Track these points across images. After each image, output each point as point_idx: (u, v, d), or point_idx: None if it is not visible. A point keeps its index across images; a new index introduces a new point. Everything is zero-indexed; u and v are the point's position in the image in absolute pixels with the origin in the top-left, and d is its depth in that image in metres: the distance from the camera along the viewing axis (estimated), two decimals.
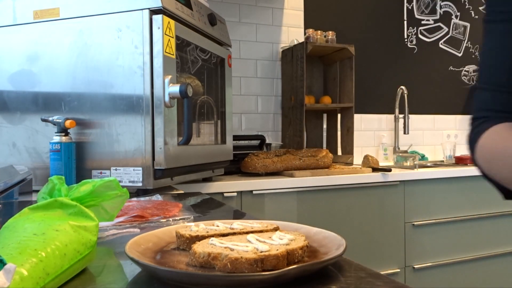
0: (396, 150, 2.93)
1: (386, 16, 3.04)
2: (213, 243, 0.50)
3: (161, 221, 0.83)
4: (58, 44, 1.32)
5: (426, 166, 2.60)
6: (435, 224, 2.26)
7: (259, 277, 0.43)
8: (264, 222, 0.64)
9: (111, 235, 0.72)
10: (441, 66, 3.23)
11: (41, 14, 1.35)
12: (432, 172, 2.27)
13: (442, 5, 3.23)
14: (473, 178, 2.36)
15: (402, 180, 2.18)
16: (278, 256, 0.45)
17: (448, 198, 2.30)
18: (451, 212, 2.31)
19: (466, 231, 2.34)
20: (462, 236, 2.33)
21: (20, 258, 0.42)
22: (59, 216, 0.53)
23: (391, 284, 0.46)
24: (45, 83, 1.34)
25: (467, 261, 2.34)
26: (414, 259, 2.21)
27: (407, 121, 2.81)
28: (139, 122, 1.22)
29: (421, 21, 3.16)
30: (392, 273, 2.15)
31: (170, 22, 1.25)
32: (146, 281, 0.48)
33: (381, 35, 3.01)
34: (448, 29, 3.25)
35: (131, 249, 0.52)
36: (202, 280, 0.44)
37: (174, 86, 1.21)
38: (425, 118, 3.15)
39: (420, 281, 2.23)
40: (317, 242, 0.57)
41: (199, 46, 1.48)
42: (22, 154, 1.36)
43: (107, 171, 1.26)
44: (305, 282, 0.46)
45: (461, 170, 2.33)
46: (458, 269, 2.32)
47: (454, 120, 3.27)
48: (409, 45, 3.12)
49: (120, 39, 1.25)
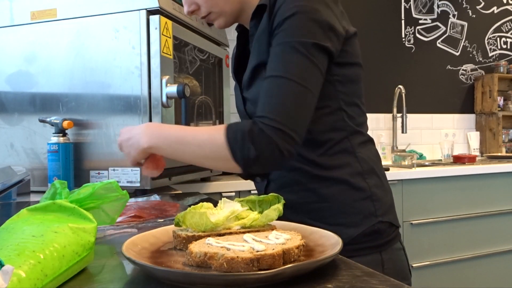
0: (394, 149, 2.94)
1: (383, 15, 3.04)
2: (209, 243, 0.50)
3: (158, 221, 0.83)
4: (56, 45, 1.33)
5: (424, 165, 2.61)
6: (433, 223, 2.27)
7: (255, 276, 0.43)
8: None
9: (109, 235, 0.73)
10: (438, 65, 3.23)
11: (38, 15, 1.35)
12: (430, 171, 2.28)
13: (440, 4, 3.23)
14: (471, 177, 2.36)
15: (400, 179, 2.18)
16: (274, 255, 0.46)
17: (446, 197, 2.31)
18: (449, 211, 2.31)
19: (464, 230, 2.34)
20: (460, 235, 2.33)
21: (18, 259, 0.42)
22: (58, 218, 0.53)
23: (386, 282, 0.46)
24: (43, 84, 1.34)
25: (465, 260, 2.35)
26: (412, 257, 2.21)
27: (405, 120, 2.81)
28: (136, 122, 1.22)
29: (419, 20, 3.17)
30: None
31: (167, 22, 1.25)
32: (143, 281, 0.49)
33: (379, 35, 3.02)
34: (446, 28, 3.26)
35: (128, 249, 0.52)
36: (199, 279, 0.44)
37: (171, 86, 1.21)
38: (423, 117, 3.16)
39: (418, 279, 2.23)
40: (313, 241, 0.57)
41: (196, 46, 1.49)
42: (20, 155, 1.36)
43: (105, 172, 1.26)
44: (301, 281, 0.46)
45: (459, 169, 2.34)
46: (456, 267, 2.33)
47: (452, 119, 3.28)
48: (406, 45, 3.13)
49: (117, 39, 1.25)
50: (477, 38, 3.37)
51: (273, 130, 0.75)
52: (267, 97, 0.79)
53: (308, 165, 0.88)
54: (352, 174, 0.88)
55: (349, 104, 0.89)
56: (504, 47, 3.48)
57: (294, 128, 0.77)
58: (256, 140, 0.75)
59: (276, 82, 0.78)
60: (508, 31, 3.49)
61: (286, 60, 0.79)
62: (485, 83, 3.26)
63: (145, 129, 0.86)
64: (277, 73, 0.79)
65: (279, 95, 0.77)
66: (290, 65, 0.78)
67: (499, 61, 3.37)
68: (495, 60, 3.42)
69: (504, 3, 3.46)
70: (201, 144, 0.80)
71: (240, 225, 0.60)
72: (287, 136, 0.76)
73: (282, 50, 0.80)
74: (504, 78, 3.34)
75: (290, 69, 0.78)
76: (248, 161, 0.77)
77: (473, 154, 2.83)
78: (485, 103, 3.27)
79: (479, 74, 3.37)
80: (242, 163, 0.77)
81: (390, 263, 0.89)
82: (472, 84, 3.35)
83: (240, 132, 0.77)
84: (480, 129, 3.32)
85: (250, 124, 0.77)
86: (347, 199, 0.88)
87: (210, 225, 0.58)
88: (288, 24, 0.80)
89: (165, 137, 0.84)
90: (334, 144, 0.88)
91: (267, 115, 0.76)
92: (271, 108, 0.77)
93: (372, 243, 0.88)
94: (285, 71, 0.78)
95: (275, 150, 0.76)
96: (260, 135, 0.75)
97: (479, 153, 3.25)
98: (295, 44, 0.79)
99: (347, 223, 0.87)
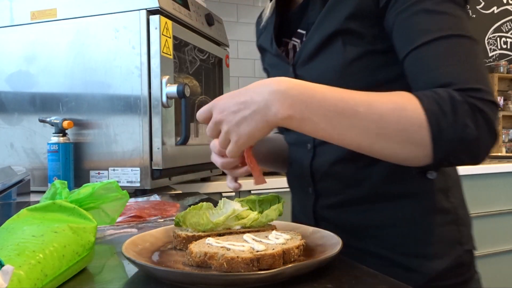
0: None
1: None
2: (209, 243, 0.50)
3: (158, 221, 0.83)
4: (56, 45, 1.33)
5: None
6: None
7: (255, 276, 0.43)
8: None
9: (109, 235, 0.73)
10: None
11: (38, 15, 1.35)
12: None
13: None
14: (471, 176, 2.36)
15: None
16: (274, 255, 0.46)
17: None
18: None
19: None
20: None
21: (18, 259, 0.42)
22: (58, 218, 0.53)
23: (386, 283, 0.46)
24: (43, 84, 1.34)
25: None
26: None
27: None
28: (136, 122, 1.22)
29: None
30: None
31: (168, 22, 1.25)
32: (143, 281, 0.49)
33: None
34: None
35: (128, 249, 0.52)
36: (199, 279, 0.44)
37: (171, 86, 1.21)
38: None
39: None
40: (313, 242, 0.57)
41: (196, 46, 1.49)
42: (20, 155, 1.36)
43: (105, 172, 1.26)
44: (301, 281, 0.46)
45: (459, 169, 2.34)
46: None
47: None
48: None
49: (117, 39, 1.25)
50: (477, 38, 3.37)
51: (489, 105, 0.56)
52: (459, 62, 0.58)
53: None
54: (434, 191, 0.70)
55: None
56: (504, 47, 3.48)
57: (495, 100, 0.58)
58: (476, 116, 0.54)
59: (454, 42, 0.59)
60: (508, 31, 3.49)
61: (442, 13, 0.60)
62: None
63: (277, 87, 0.55)
64: (445, 33, 0.59)
65: (469, 58, 0.59)
66: (451, 19, 0.60)
67: (499, 61, 3.37)
68: (495, 60, 3.42)
69: (504, 3, 3.46)
70: (383, 117, 0.55)
71: (240, 225, 0.60)
72: (496, 111, 0.58)
73: (424, 6, 0.60)
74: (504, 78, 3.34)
75: (457, 24, 0.60)
76: (462, 144, 0.54)
77: None
78: None
79: None
80: (447, 148, 0.55)
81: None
82: None
83: (450, 102, 0.54)
84: None
85: (458, 94, 0.55)
86: (427, 223, 0.69)
87: (210, 225, 0.58)
88: None
89: (319, 101, 0.56)
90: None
91: (475, 85, 0.56)
92: (473, 74, 0.57)
93: (458, 279, 0.70)
94: (453, 27, 0.60)
95: (492, 131, 0.56)
96: (479, 112, 0.55)
97: None
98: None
99: (429, 255, 0.69)
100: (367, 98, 0.56)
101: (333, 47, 0.69)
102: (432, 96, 0.55)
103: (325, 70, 0.69)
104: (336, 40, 0.69)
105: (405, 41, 0.62)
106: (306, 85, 0.57)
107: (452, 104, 0.54)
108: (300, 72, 0.75)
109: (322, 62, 0.71)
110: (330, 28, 0.69)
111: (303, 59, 0.74)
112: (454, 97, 0.55)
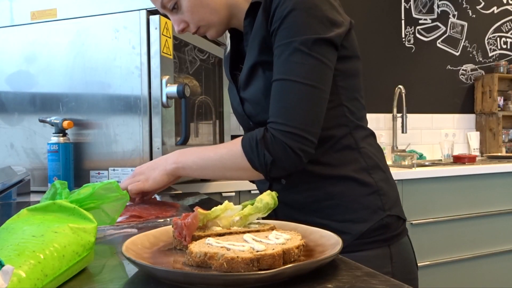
0: (394, 149, 2.94)
1: (383, 15, 3.04)
2: (209, 243, 0.50)
3: (158, 221, 0.83)
4: (56, 45, 1.33)
5: (424, 165, 2.61)
6: (433, 223, 2.27)
7: (255, 276, 0.43)
8: (261, 221, 0.65)
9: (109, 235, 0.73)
10: (438, 65, 3.23)
11: (38, 15, 1.35)
12: (430, 171, 2.28)
13: (440, 4, 3.23)
14: (471, 177, 2.36)
15: (400, 179, 2.18)
16: (274, 255, 0.46)
17: (446, 197, 2.31)
18: (449, 211, 2.31)
19: (464, 230, 2.34)
20: (460, 235, 2.33)
21: (18, 260, 0.42)
22: (58, 218, 0.53)
23: (386, 282, 0.46)
24: (43, 84, 1.34)
25: (465, 260, 2.35)
26: None
27: (405, 120, 2.81)
28: (136, 122, 1.22)
29: (419, 20, 3.17)
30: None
31: (168, 22, 1.25)
32: (143, 281, 0.49)
33: (379, 35, 3.02)
34: (446, 28, 3.26)
35: (128, 249, 0.52)
36: (198, 279, 0.44)
37: (171, 86, 1.21)
38: (423, 117, 3.16)
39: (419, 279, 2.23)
40: (313, 241, 0.57)
41: (196, 46, 1.49)
42: (20, 155, 1.36)
43: (105, 172, 1.26)
44: (301, 281, 0.46)
45: (459, 169, 2.34)
46: (456, 267, 2.33)
47: (452, 119, 3.27)
48: (407, 45, 3.13)
49: (117, 39, 1.25)
50: (477, 38, 3.37)
51: (283, 134, 0.78)
52: (274, 102, 0.81)
53: (311, 164, 0.87)
54: (357, 170, 0.89)
55: (350, 99, 0.90)
56: (504, 47, 3.48)
57: (305, 128, 0.78)
58: (270, 145, 0.79)
59: (282, 85, 0.80)
60: (508, 31, 3.49)
61: (289, 61, 0.80)
62: (485, 83, 3.26)
63: (169, 154, 0.92)
64: (282, 76, 0.80)
65: (286, 99, 0.79)
66: (293, 66, 0.79)
67: (499, 61, 3.37)
68: (495, 60, 3.42)
69: (504, 3, 3.46)
70: (222, 158, 0.85)
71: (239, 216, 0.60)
72: (298, 137, 0.78)
73: (284, 52, 0.80)
74: (504, 78, 3.34)
75: (294, 71, 0.79)
76: (266, 167, 0.80)
77: (473, 154, 2.83)
78: (485, 103, 3.27)
79: (479, 74, 3.37)
80: (262, 170, 0.81)
81: (398, 256, 0.91)
82: (472, 84, 3.35)
83: (254, 140, 0.80)
84: (480, 129, 3.32)
85: (263, 131, 0.80)
86: (354, 195, 0.88)
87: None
88: (287, 23, 0.80)
89: (190, 155, 0.89)
90: (337, 141, 0.89)
91: (277, 120, 0.79)
92: (279, 112, 0.79)
93: (380, 237, 0.88)
94: (289, 73, 0.79)
95: (289, 153, 0.78)
96: (273, 140, 0.79)
97: (479, 153, 3.25)
98: (297, 43, 0.79)
99: (356, 219, 0.87)
100: (213, 148, 0.88)
101: (257, 75, 0.89)
102: (249, 136, 0.82)
103: (255, 92, 0.89)
104: (257, 70, 0.88)
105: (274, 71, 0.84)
106: (183, 149, 0.92)
107: (258, 140, 0.80)
108: (242, 95, 0.94)
109: (252, 86, 0.90)
110: (251, 61, 0.89)
111: (241, 85, 0.94)
112: (264, 134, 0.80)
